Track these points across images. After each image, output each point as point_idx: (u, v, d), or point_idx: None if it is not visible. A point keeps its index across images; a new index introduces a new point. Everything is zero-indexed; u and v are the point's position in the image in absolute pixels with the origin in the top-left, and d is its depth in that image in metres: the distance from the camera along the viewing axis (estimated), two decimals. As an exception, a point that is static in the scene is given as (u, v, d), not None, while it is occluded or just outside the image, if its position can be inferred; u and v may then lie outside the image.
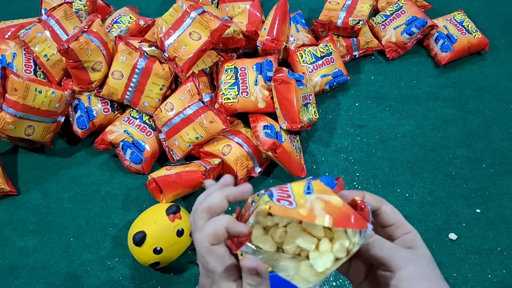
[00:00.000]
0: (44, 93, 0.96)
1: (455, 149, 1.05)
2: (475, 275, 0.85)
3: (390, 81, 1.21)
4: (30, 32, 1.03)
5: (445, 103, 1.15)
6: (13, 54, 1.04)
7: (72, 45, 0.94)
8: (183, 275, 0.87)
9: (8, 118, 0.93)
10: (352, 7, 1.22)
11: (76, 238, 0.93)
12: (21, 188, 1.02)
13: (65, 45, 0.94)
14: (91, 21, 1.02)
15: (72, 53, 0.95)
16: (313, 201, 0.35)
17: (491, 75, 1.22)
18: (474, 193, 0.97)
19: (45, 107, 0.97)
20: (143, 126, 1.03)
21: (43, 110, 0.97)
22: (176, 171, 0.89)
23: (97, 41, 0.99)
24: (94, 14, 1.06)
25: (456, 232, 0.91)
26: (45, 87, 0.97)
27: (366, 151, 1.06)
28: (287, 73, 0.99)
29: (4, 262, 0.90)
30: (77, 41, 0.95)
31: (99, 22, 1.03)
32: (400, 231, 0.38)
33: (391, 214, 0.38)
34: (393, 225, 0.38)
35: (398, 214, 0.39)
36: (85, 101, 1.05)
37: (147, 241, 0.80)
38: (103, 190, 1.01)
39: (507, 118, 1.11)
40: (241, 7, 1.24)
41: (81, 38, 0.96)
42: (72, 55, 0.96)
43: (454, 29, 1.23)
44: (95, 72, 1.01)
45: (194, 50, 0.99)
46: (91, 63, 0.99)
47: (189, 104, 0.99)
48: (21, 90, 0.93)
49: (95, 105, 1.05)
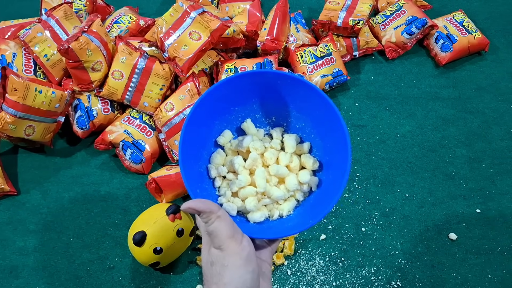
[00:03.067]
0: (44, 93, 0.96)
1: (455, 149, 1.05)
2: (475, 275, 0.85)
3: (390, 81, 1.21)
4: (30, 32, 1.03)
5: (445, 103, 1.15)
6: (13, 54, 1.04)
7: (72, 45, 0.94)
8: (183, 275, 0.87)
9: (8, 118, 0.93)
10: (352, 7, 1.22)
11: (76, 238, 0.93)
12: (21, 188, 1.02)
13: (65, 45, 0.94)
14: (91, 21, 1.02)
15: (72, 53, 0.95)
16: None
17: (491, 75, 1.22)
18: (474, 193, 0.97)
19: (45, 107, 0.97)
20: (143, 126, 1.03)
21: (43, 110, 0.97)
22: (176, 171, 0.89)
23: (97, 41, 0.99)
24: (94, 14, 1.06)
25: (456, 232, 0.91)
26: (45, 87, 0.97)
27: (366, 151, 1.06)
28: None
29: (4, 262, 0.90)
30: (77, 41, 0.95)
31: (99, 22, 1.03)
32: None
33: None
34: None
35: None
36: (85, 101, 1.05)
37: (147, 241, 0.80)
38: (103, 190, 1.01)
39: (507, 118, 1.11)
40: (241, 7, 1.24)
41: (81, 38, 0.96)
42: (72, 55, 0.96)
43: (454, 29, 1.23)
44: (95, 72, 1.01)
45: (194, 50, 0.99)
46: (91, 63, 0.99)
47: (189, 104, 0.99)
48: (21, 90, 0.93)
49: (95, 105, 1.05)
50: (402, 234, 0.91)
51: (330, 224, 0.93)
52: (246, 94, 0.57)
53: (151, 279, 0.87)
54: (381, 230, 0.92)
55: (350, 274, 0.86)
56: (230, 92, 0.55)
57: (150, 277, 0.87)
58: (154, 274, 0.87)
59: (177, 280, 0.86)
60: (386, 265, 0.87)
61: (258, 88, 0.56)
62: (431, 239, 0.90)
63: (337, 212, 0.95)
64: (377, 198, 0.97)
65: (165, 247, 0.81)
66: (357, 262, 0.88)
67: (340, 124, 0.51)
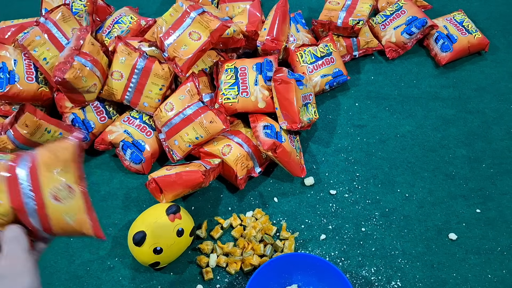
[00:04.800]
0: (52, 133, 0.98)
1: (455, 149, 1.05)
2: (475, 275, 0.85)
3: (390, 81, 1.21)
4: (29, 35, 1.02)
5: (445, 103, 1.15)
6: (14, 60, 1.04)
7: (67, 76, 0.93)
8: (183, 275, 0.87)
9: (9, 145, 0.95)
10: (352, 7, 1.22)
11: (76, 238, 0.93)
12: (21, 188, 1.02)
13: (59, 77, 0.93)
14: (82, 39, 0.99)
15: (68, 84, 0.95)
16: None
17: (491, 75, 1.22)
18: (474, 193, 0.97)
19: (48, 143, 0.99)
20: (143, 126, 1.03)
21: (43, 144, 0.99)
22: (176, 171, 0.89)
23: (90, 64, 0.97)
24: (83, 28, 1.03)
25: (456, 232, 0.91)
26: (54, 127, 0.98)
27: (366, 151, 1.06)
28: (287, 73, 0.99)
29: (4, 262, 0.90)
30: (72, 70, 0.93)
31: (90, 40, 1.00)
32: None
33: None
34: None
35: None
36: (80, 115, 1.05)
37: (147, 241, 0.80)
38: (103, 190, 1.01)
39: (507, 118, 1.11)
40: (241, 7, 1.24)
41: (74, 65, 0.94)
42: (68, 85, 0.95)
43: (454, 29, 1.23)
44: (90, 94, 1.01)
45: (194, 50, 0.99)
46: (86, 88, 0.98)
47: (189, 104, 0.99)
48: (32, 127, 0.94)
49: (91, 116, 1.05)
50: (402, 234, 0.91)
51: (330, 224, 0.93)
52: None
53: (151, 279, 0.87)
54: (381, 230, 0.92)
55: (350, 274, 0.86)
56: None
57: (150, 277, 0.87)
58: (154, 274, 0.87)
59: (177, 280, 0.86)
60: (386, 265, 0.87)
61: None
62: (431, 239, 0.90)
63: (337, 212, 0.95)
64: (377, 198, 0.97)
65: (165, 247, 0.81)
66: (357, 262, 0.88)
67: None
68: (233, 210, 0.96)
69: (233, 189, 1.00)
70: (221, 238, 0.92)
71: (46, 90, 1.06)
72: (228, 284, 0.85)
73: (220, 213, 0.96)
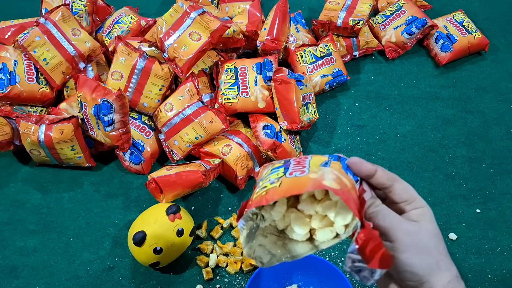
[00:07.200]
0: (74, 152, 0.99)
1: (455, 149, 1.05)
2: (475, 275, 0.85)
3: (390, 81, 1.21)
4: (28, 36, 1.02)
5: (445, 103, 1.15)
6: (14, 61, 1.04)
7: None
8: (183, 275, 0.87)
9: (33, 136, 0.96)
10: (352, 7, 1.22)
11: (76, 238, 0.93)
12: (21, 188, 1.02)
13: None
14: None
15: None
16: (326, 171, 0.36)
17: (491, 75, 1.22)
18: (474, 193, 0.97)
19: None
20: (142, 127, 1.03)
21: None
22: (176, 171, 0.89)
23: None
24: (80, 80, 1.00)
25: (456, 232, 0.91)
26: (79, 149, 0.99)
27: (366, 151, 1.06)
28: (287, 73, 0.99)
29: (4, 262, 0.90)
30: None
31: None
32: (411, 206, 0.39)
33: (402, 192, 0.39)
34: (405, 201, 0.39)
35: (411, 191, 0.39)
36: None
37: (147, 241, 0.80)
38: (103, 190, 1.01)
39: (507, 118, 1.11)
40: (241, 7, 1.24)
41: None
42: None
43: (454, 29, 1.23)
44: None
45: (194, 50, 0.99)
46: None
47: (188, 104, 0.99)
48: (64, 137, 0.95)
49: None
50: (402, 234, 0.91)
51: (330, 224, 0.93)
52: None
53: (151, 279, 0.87)
54: (381, 230, 0.92)
55: (350, 274, 0.86)
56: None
57: (150, 277, 0.87)
58: (154, 274, 0.87)
59: (177, 280, 0.86)
60: (386, 265, 0.87)
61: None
62: (431, 239, 0.90)
63: (337, 212, 0.95)
64: (377, 198, 0.97)
65: (165, 247, 0.81)
66: (357, 262, 0.88)
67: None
68: (233, 210, 0.96)
69: (233, 189, 1.00)
70: (221, 238, 0.92)
71: (47, 90, 1.06)
72: (228, 284, 0.85)
73: (220, 213, 0.96)
